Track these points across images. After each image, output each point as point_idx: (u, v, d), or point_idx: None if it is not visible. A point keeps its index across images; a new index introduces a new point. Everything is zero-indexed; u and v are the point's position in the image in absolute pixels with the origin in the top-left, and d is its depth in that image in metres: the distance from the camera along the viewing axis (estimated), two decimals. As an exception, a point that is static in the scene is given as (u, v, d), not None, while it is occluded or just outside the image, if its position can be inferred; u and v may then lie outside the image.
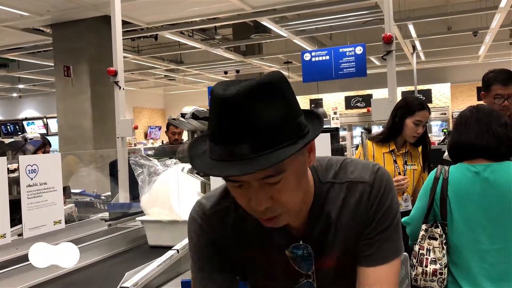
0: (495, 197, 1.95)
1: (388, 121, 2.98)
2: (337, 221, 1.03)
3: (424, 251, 2.05)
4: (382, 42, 3.51)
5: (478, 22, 9.47)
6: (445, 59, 13.63)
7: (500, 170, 1.98)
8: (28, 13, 7.06)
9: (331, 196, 1.03)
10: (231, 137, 0.85)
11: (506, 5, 7.53)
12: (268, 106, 0.85)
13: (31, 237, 2.05)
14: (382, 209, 1.02)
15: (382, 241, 1.03)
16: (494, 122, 2.02)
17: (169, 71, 13.24)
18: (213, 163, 0.88)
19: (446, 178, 2.04)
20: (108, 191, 4.16)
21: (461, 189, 2.01)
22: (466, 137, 2.03)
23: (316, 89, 14.50)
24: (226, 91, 0.85)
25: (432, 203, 2.06)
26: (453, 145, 2.12)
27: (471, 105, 2.16)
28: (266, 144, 0.84)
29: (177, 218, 2.38)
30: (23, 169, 1.94)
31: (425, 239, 2.06)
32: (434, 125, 14.67)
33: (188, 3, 6.89)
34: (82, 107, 7.60)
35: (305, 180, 0.98)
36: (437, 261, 2.02)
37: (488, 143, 1.99)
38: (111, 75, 3.97)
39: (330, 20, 8.46)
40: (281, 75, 0.90)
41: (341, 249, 1.04)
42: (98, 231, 2.76)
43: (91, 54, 7.57)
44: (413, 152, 3.01)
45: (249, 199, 0.91)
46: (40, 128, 15.62)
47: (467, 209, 1.99)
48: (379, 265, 1.02)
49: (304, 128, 0.90)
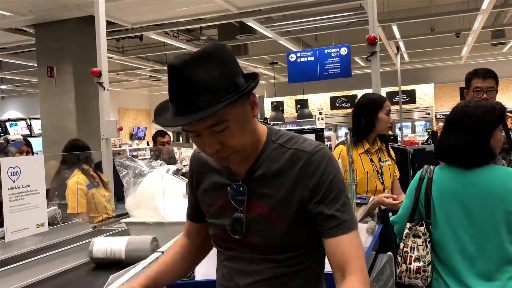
0: (477, 198, 1.98)
1: (355, 122, 3.02)
2: (274, 176, 1.20)
3: (408, 249, 2.09)
4: (367, 43, 3.55)
5: (461, 23, 9.60)
6: (429, 60, 13.79)
7: (485, 173, 2.00)
8: (10, 13, 6.97)
9: (276, 154, 1.21)
10: (179, 95, 1.07)
11: (487, 7, 7.64)
12: (207, 70, 1.06)
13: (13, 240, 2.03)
14: (326, 181, 1.17)
15: (340, 213, 1.16)
16: (482, 126, 2.01)
17: (154, 72, 13.18)
18: (171, 118, 1.10)
19: (431, 177, 2.08)
20: (93, 192, 4.11)
21: (444, 189, 2.05)
22: (455, 141, 2.04)
23: (302, 90, 14.55)
24: (176, 59, 1.07)
25: (417, 202, 2.10)
26: (442, 147, 2.13)
27: (463, 104, 2.14)
28: (206, 99, 1.05)
29: (163, 220, 2.37)
30: (4, 172, 1.91)
31: (409, 237, 2.10)
32: (418, 125, 14.83)
33: (173, 4, 6.87)
34: (66, 108, 7.52)
35: (250, 128, 1.16)
36: (420, 259, 2.05)
37: (471, 148, 2.00)
38: (95, 76, 3.94)
39: (315, 21, 8.51)
40: (220, 45, 1.11)
41: (272, 202, 1.19)
42: (83, 233, 2.73)
43: (74, 55, 7.50)
44: (383, 147, 3.09)
45: (205, 145, 1.13)
46: (24, 129, 15.42)
47: (450, 208, 2.02)
48: (340, 235, 1.15)
49: (241, 86, 1.09)
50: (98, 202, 3.57)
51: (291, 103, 16.19)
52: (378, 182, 2.96)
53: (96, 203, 3.55)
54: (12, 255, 2.20)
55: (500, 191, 1.96)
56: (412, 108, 14.83)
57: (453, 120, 2.10)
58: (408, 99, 14.71)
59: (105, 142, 4.05)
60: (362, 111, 2.98)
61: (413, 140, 10.52)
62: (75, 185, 3.49)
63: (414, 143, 9.77)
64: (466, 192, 2.00)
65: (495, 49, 12.39)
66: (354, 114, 3.06)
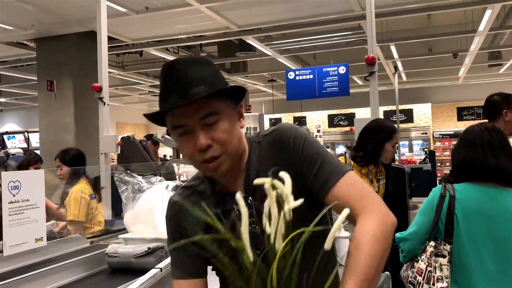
0: (502, 221, 1.94)
1: (361, 144, 3.04)
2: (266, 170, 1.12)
3: (432, 268, 1.99)
4: (365, 63, 3.58)
5: (458, 44, 9.71)
6: (426, 80, 13.90)
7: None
8: (12, 27, 7.03)
9: (259, 152, 1.20)
10: (174, 87, 1.10)
11: (484, 29, 7.73)
12: (201, 69, 1.12)
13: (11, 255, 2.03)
14: (303, 146, 1.16)
15: (325, 167, 1.14)
16: (508, 145, 2.02)
17: (154, 87, 13.23)
18: (163, 106, 1.12)
19: (453, 195, 2.01)
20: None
21: (470, 208, 1.98)
22: (480, 159, 2.01)
23: (300, 107, 14.61)
24: (170, 61, 1.15)
25: (438, 219, 2.02)
26: (464, 165, 2.07)
27: (477, 125, 2.14)
28: (201, 89, 1.09)
29: (161, 236, 2.37)
30: (5, 186, 1.92)
31: (433, 256, 2.00)
32: (415, 144, 14.87)
33: (174, 21, 6.94)
34: (65, 122, 7.53)
35: (238, 135, 1.16)
36: (444, 279, 1.97)
37: (501, 166, 1.99)
38: (96, 91, 3.97)
39: (314, 40, 8.59)
40: (210, 60, 1.18)
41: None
42: (80, 248, 2.73)
43: (74, 69, 7.53)
44: (382, 168, 3.12)
45: (194, 145, 1.10)
46: (21, 142, 15.39)
47: (474, 228, 1.96)
48: (336, 181, 1.12)
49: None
50: (94, 214, 3.56)
51: (289, 119, 16.24)
52: None
53: (93, 215, 3.55)
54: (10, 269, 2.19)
55: None
56: (410, 127, 14.89)
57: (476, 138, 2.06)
58: (406, 118, 14.79)
59: (104, 156, 4.06)
60: (370, 137, 3.00)
61: (410, 159, 10.56)
62: (79, 193, 3.47)
63: (411, 162, 9.81)
64: (492, 212, 1.95)
65: (492, 70, 12.50)
66: (361, 136, 3.06)
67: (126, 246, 2.35)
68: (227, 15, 6.72)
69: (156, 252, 2.28)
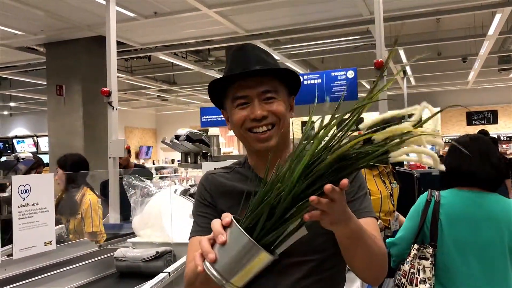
0: (487, 225, 2.00)
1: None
2: None
3: (415, 270, 2.08)
4: (374, 67, 3.57)
5: (468, 49, 9.65)
6: (435, 84, 13.82)
7: (497, 201, 2.04)
8: (22, 32, 7.10)
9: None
10: (251, 56, 1.21)
11: (494, 33, 7.69)
12: (267, 55, 1.25)
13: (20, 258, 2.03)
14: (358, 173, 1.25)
15: (366, 201, 1.24)
16: (493, 153, 2.08)
17: (162, 92, 13.28)
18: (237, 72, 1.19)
19: (438, 201, 2.10)
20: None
21: (454, 213, 2.06)
22: (467, 165, 2.07)
23: (308, 112, 14.58)
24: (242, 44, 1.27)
25: (423, 224, 2.11)
26: (451, 171, 2.13)
27: (468, 134, 2.24)
28: (273, 62, 1.24)
29: (169, 240, 2.37)
30: (15, 189, 1.93)
31: (416, 259, 2.09)
32: (424, 149, 14.77)
33: (183, 25, 6.97)
34: (74, 126, 7.58)
35: (288, 120, 1.24)
36: (426, 281, 2.05)
37: (488, 173, 2.05)
38: (105, 95, 3.98)
39: (322, 45, 8.59)
40: None
41: None
42: (89, 252, 2.73)
43: (84, 74, 7.59)
44: (393, 170, 3.13)
45: (248, 114, 1.19)
46: (30, 146, 15.51)
47: (459, 232, 2.03)
48: (366, 217, 1.20)
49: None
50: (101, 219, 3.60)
51: (297, 124, 16.21)
52: (390, 203, 2.99)
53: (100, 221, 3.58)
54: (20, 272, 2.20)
55: (506, 215, 2.00)
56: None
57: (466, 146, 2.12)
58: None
59: (112, 161, 4.06)
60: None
61: (419, 164, 10.48)
62: (96, 204, 3.53)
63: (420, 167, 9.73)
64: (476, 217, 2.01)
65: (501, 74, 12.42)
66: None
67: (134, 250, 2.36)
68: (235, 19, 6.74)
69: (165, 256, 2.28)
